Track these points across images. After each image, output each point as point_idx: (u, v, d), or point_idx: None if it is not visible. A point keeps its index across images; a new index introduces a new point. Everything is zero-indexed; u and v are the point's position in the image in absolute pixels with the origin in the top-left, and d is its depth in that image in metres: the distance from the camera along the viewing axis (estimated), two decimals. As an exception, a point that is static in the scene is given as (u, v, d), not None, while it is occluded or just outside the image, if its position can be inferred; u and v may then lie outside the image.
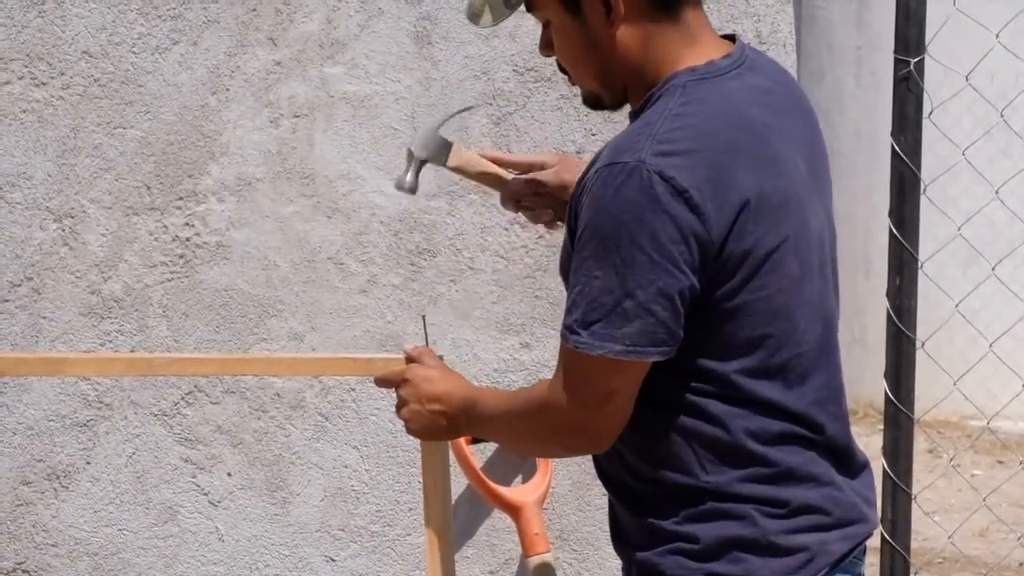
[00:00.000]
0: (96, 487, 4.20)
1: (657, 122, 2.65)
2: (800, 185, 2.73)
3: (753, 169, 2.64)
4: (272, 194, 4.11)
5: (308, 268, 4.11)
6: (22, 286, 4.15)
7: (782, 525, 2.66)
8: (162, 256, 4.14)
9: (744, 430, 2.66)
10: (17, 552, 4.23)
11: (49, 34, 4.10)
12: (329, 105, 4.09)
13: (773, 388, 2.69)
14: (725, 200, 2.59)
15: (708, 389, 2.67)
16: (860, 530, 2.76)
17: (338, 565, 4.17)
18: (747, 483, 2.67)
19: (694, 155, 2.60)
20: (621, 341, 2.60)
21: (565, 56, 2.79)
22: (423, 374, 2.96)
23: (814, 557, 2.68)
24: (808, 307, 2.73)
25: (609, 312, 2.61)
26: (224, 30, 4.08)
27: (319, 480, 4.16)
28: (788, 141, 2.74)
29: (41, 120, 4.13)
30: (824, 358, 2.76)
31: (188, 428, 4.17)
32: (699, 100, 2.67)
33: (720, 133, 2.64)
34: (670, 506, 2.71)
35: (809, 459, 2.71)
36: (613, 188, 2.60)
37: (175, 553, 4.20)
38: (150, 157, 4.12)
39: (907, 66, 3.99)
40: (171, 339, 4.14)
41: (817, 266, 2.75)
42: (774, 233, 2.64)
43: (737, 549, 2.66)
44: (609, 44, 2.73)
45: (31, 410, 4.20)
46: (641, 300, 2.58)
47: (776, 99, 2.80)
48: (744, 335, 2.65)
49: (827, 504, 2.71)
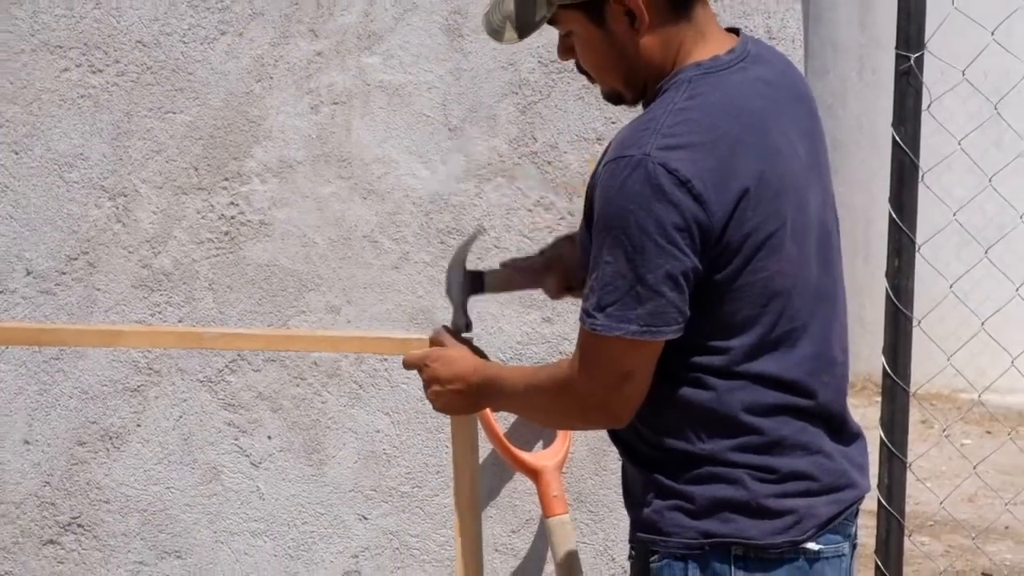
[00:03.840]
0: (145, 448, 4.21)
1: (661, 117, 2.65)
2: (799, 172, 2.73)
3: (753, 158, 2.65)
4: (311, 176, 4.10)
5: (344, 245, 4.11)
6: (78, 260, 4.15)
7: (772, 489, 2.68)
8: (208, 233, 4.14)
9: (740, 403, 2.68)
10: (72, 507, 4.23)
11: (105, 24, 4.09)
12: (366, 93, 4.08)
13: (769, 361, 2.70)
14: (726, 188, 2.60)
15: (708, 365, 2.68)
16: (848, 495, 2.77)
17: (370, 523, 4.18)
18: (739, 452, 2.69)
19: (696, 147, 2.61)
20: (636, 322, 2.61)
21: (590, 63, 2.79)
22: (442, 356, 2.99)
23: (801, 519, 2.69)
24: (806, 286, 2.73)
25: (623, 296, 2.62)
26: (268, 22, 4.07)
27: (353, 444, 4.17)
28: (788, 130, 2.75)
29: (97, 105, 4.11)
30: (819, 332, 2.76)
31: (231, 394, 4.18)
32: (702, 94, 2.67)
33: (721, 125, 2.64)
34: (671, 468, 2.73)
35: (799, 429, 2.72)
36: (620, 180, 2.61)
37: (218, 510, 4.21)
38: (198, 140, 4.11)
39: (908, 61, 3.98)
40: (216, 311, 4.15)
41: (816, 248, 2.76)
42: (773, 218, 2.65)
43: (728, 510, 2.68)
44: (634, 50, 2.72)
45: (86, 375, 4.19)
46: (651, 283, 2.60)
47: (778, 90, 2.80)
48: (743, 314, 2.66)
49: (815, 471, 2.72)
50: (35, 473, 4.24)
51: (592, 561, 4.12)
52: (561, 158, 4.04)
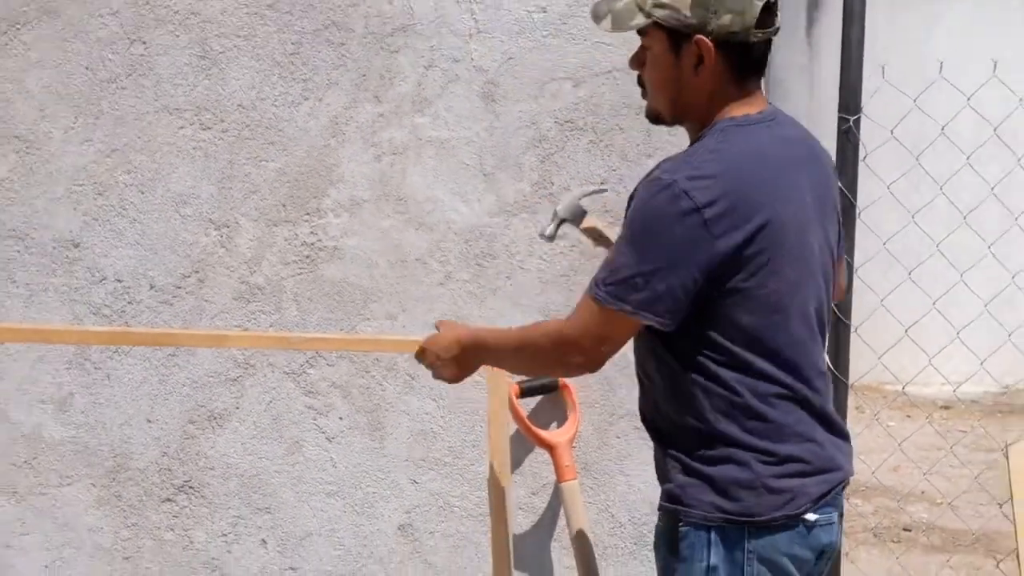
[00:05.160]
0: (243, 426, 4.24)
1: (696, 153, 2.69)
2: (804, 215, 2.72)
3: (766, 195, 2.64)
4: (375, 211, 4.11)
5: (400, 266, 4.12)
6: (191, 277, 4.18)
7: (773, 471, 2.68)
8: (293, 256, 4.16)
9: (749, 390, 2.68)
10: (185, 473, 4.27)
11: (213, 91, 4.12)
12: (418, 146, 4.07)
13: (768, 363, 2.68)
14: (738, 215, 2.60)
15: (720, 358, 2.67)
16: (835, 476, 2.76)
17: (420, 486, 4.19)
18: (748, 435, 2.68)
19: (717, 179, 2.61)
20: (629, 304, 2.63)
21: (653, 78, 2.78)
22: (434, 338, 3.05)
23: (795, 497, 2.69)
24: (802, 307, 2.72)
25: (623, 280, 2.63)
26: (342, 90, 4.09)
27: (406, 423, 4.17)
28: (800, 179, 2.74)
29: (206, 155, 4.14)
30: (811, 346, 2.76)
31: (311, 383, 4.19)
32: (731, 141, 2.68)
33: (743, 166, 2.65)
34: (692, 446, 2.73)
35: (797, 419, 2.71)
36: (650, 195, 2.64)
37: (300, 475, 4.23)
38: (286, 183, 4.14)
39: (848, 122, 3.98)
40: (299, 318, 4.16)
41: (810, 276, 2.74)
42: (775, 246, 2.65)
43: (738, 487, 2.67)
44: (689, 84, 2.71)
45: (196, 368, 4.22)
46: (650, 280, 2.61)
47: (795, 148, 2.80)
48: (747, 320, 2.65)
49: (808, 456, 2.71)
50: (156, 446, 4.27)
51: (596, 517, 4.10)
52: (573, 198, 4.03)
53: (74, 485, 4.31)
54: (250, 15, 4.10)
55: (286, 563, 4.27)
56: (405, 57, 4.06)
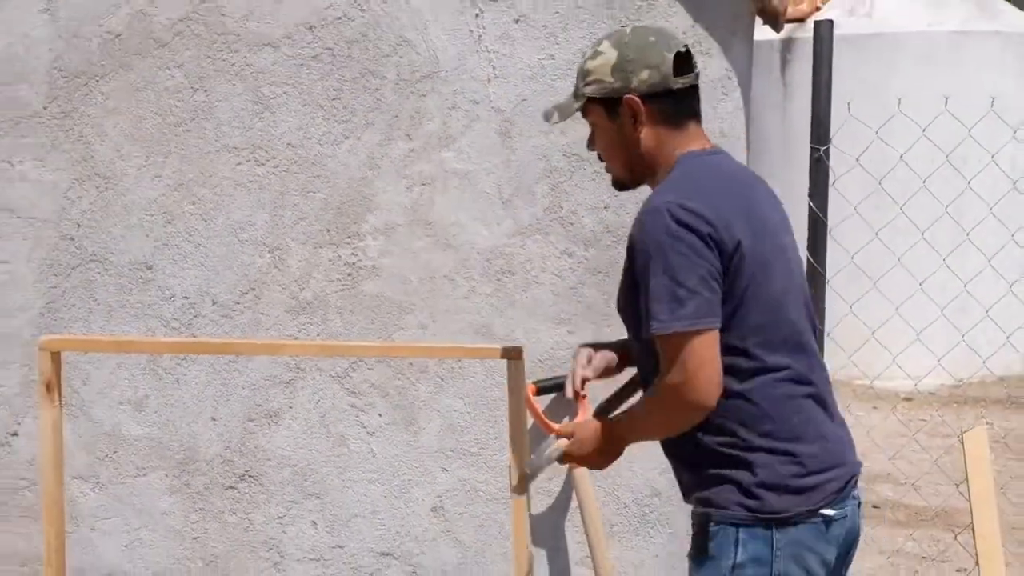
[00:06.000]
0: (295, 422, 4.24)
1: (669, 184, 2.57)
2: (775, 224, 2.66)
3: (743, 204, 2.57)
4: (407, 235, 4.11)
5: (430, 282, 4.13)
6: (248, 293, 4.20)
7: (793, 471, 2.53)
8: (337, 274, 4.17)
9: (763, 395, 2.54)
10: (244, 464, 4.28)
11: (265, 132, 4.14)
12: (444, 177, 4.08)
13: (780, 355, 2.54)
14: (728, 222, 2.50)
15: (736, 365, 2.52)
16: (846, 471, 2.63)
17: (450, 473, 4.18)
18: (767, 438, 2.54)
19: (701, 194, 2.51)
20: (686, 318, 2.44)
21: (604, 149, 2.71)
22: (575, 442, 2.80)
23: (814, 493, 2.55)
24: (795, 304, 2.61)
25: (669, 301, 2.44)
26: (377, 129, 4.10)
27: (437, 419, 4.17)
28: (762, 196, 2.69)
29: (260, 187, 4.16)
30: (808, 339, 2.65)
31: (354, 385, 4.19)
32: (697, 167, 2.61)
33: (716, 183, 2.58)
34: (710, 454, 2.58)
35: (808, 418, 2.58)
36: (647, 223, 2.50)
37: (345, 465, 4.23)
38: (329, 211, 4.14)
39: (819, 151, 4.00)
40: (342, 328, 4.17)
41: (794, 280, 2.65)
42: (761, 247, 2.55)
43: (762, 488, 2.53)
44: (633, 142, 2.65)
45: (254, 373, 4.24)
46: (689, 287, 2.44)
47: (746, 171, 2.78)
48: (753, 319, 2.52)
49: (823, 454, 2.57)
50: (219, 440, 4.29)
51: (603, 499, 4.07)
52: (580, 221, 4.00)
53: (149, 475, 4.33)
54: (297, 66, 4.12)
55: (333, 541, 4.28)
56: (432, 100, 4.07)
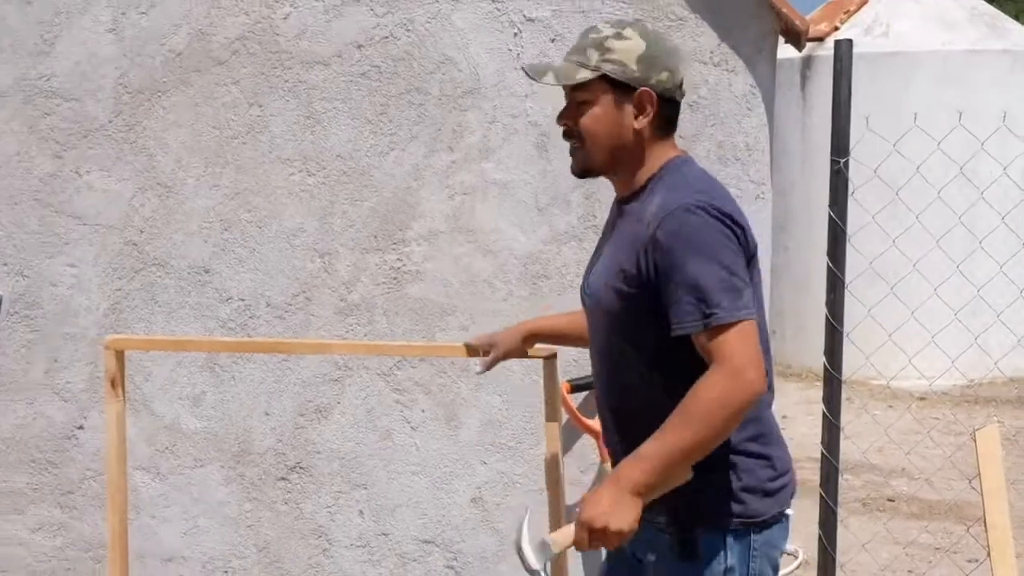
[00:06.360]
0: (343, 418, 4.25)
1: (684, 182, 2.36)
2: None
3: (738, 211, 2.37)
4: (450, 241, 4.13)
5: (471, 285, 4.14)
6: (299, 296, 4.21)
7: (769, 474, 2.41)
8: (383, 278, 4.17)
9: None
10: (296, 456, 4.29)
11: (316, 144, 4.15)
12: (484, 187, 4.09)
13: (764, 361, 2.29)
14: (748, 228, 2.35)
15: None
16: (792, 475, 2.50)
17: (488, 466, 4.20)
18: (750, 442, 2.39)
19: (724, 198, 2.35)
20: (747, 307, 2.23)
21: (594, 129, 2.42)
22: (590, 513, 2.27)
23: (782, 494, 2.44)
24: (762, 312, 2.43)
25: (728, 290, 2.21)
26: (421, 142, 4.11)
27: (477, 415, 4.18)
28: None
29: (312, 196, 4.17)
30: None
31: (398, 382, 4.20)
32: (701, 173, 2.43)
33: (725, 191, 2.41)
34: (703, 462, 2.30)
35: (773, 424, 2.47)
36: (678, 222, 2.26)
37: (390, 457, 4.24)
38: (376, 218, 4.15)
39: (839, 164, 3.96)
40: (388, 329, 4.17)
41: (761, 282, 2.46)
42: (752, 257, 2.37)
43: (744, 493, 2.38)
44: (628, 133, 2.40)
45: (305, 370, 4.25)
46: (741, 275, 2.25)
47: None
48: None
49: (785, 456, 2.46)
50: (272, 434, 4.29)
51: None
52: (612, 228, 4.03)
53: (206, 467, 4.35)
54: (347, 82, 4.13)
55: (379, 529, 4.28)
56: (473, 115, 4.08)
